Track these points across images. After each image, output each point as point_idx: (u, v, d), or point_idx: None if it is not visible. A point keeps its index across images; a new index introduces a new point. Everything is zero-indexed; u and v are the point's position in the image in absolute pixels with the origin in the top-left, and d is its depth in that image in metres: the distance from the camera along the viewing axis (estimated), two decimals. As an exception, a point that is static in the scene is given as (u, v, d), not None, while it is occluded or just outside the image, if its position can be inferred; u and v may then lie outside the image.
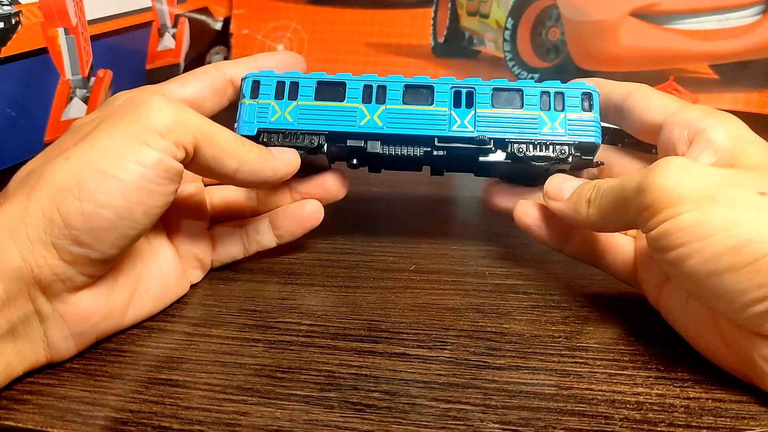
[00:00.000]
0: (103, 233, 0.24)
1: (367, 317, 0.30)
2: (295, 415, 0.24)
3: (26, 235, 0.23)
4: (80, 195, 0.24)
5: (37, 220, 0.24)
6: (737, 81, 0.55)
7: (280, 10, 0.66)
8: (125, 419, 0.24)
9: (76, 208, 0.24)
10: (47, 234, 0.24)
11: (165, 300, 0.30)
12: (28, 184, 0.24)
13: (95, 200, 0.24)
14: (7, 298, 0.23)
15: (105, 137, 0.25)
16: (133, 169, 0.24)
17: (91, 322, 0.26)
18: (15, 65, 0.42)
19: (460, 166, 0.33)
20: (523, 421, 0.24)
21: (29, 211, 0.24)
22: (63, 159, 0.24)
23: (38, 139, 0.46)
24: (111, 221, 0.24)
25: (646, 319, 0.30)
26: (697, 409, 0.25)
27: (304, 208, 0.33)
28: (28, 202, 0.24)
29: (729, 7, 0.55)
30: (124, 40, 0.52)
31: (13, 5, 0.41)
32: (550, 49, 0.59)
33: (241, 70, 0.32)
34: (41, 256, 0.24)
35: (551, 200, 0.31)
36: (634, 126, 0.31)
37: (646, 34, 0.56)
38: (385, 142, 0.31)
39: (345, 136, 0.31)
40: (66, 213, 0.24)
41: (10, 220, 0.24)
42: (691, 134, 0.28)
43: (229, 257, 0.34)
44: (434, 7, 0.63)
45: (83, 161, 0.24)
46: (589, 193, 0.28)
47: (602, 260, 0.32)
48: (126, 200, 0.24)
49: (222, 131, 0.28)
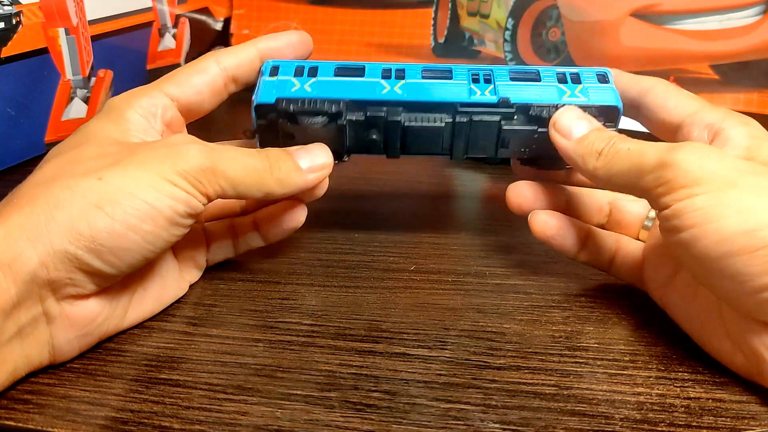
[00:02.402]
0: (125, 253, 0.25)
1: (368, 317, 0.30)
2: (296, 414, 0.24)
3: (50, 242, 0.24)
4: (113, 214, 0.24)
5: (65, 231, 0.24)
6: (738, 81, 0.55)
7: (281, 10, 0.66)
8: (126, 419, 0.24)
9: (107, 225, 0.24)
10: (72, 245, 0.24)
11: (164, 301, 0.30)
12: (53, 194, 0.24)
13: (127, 222, 0.25)
14: (18, 301, 0.23)
15: (140, 167, 0.25)
16: (166, 201, 0.25)
17: (95, 323, 0.27)
18: (16, 65, 0.42)
19: (480, 145, 0.32)
20: (524, 420, 0.24)
21: (56, 219, 0.24)
22: (96, 178, 0.25)
23: (39, 139, 0.46)
24: (136, 244, 0.25)
25: (646, 320, 0.30)
26: (698, 409, 0.25)
27: (284, 210, 0.33)
28: (56, 212, 0.24)
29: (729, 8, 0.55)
30: (124, 40, 0.53)
31: (13, 5, 0.41)
32: (550, 50, 0.59)
33: (240, 58, 0.31)
34: (61, 262, 0.24)
35: (558, 135, 0.29)
36: (650, 123, 0.31)
37: (646, 35, 0.56)
38: (406, 110, 0.30)
39: (365, 104, 0.30)
40: (96, 228, 0.24)
41: (31, 225, 0.24)
42: (710, 135, 0.28)
43: (221, 257, 0.34)
44: (434, 8, 0.63)
45: (118, 184, 0.25)
46: (602, 145, 0.28)
47: (611, 264, 0.32)
48: (154, 227, 0.25)
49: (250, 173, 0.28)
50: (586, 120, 0.29)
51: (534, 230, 0.32)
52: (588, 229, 0.32)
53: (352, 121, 0.30)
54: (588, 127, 0.29)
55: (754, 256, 0.23)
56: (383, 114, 0.30)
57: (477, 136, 0.31)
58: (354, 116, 0.30)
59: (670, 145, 0.25)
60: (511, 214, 0.33)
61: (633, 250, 0.32)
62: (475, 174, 0.48)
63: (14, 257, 0.23)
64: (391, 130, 0.31)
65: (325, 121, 0.30)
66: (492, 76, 0.31)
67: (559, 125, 0.29)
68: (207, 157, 0.26)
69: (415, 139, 0.31)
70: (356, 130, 0.31)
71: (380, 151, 0.32)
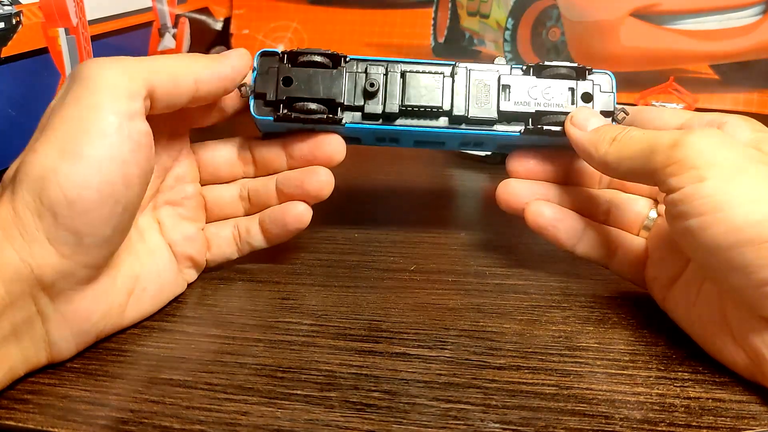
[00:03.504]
0: (91, 215, 0.24)
1: (368, 317, 0.30)
2: (296, 414, 0.24)
3: (20, 236, 0.23)
4: (59, 181, 0.24)
5: (27, 219, 0.24)
6: (738, 81, 0.56)
7: (281, 10, 0.66)
8: (126, 419, 0.24)
9: (58, 195, 0.24)
10: (40, 231, 0.24)
11: (162, 299, 0.30)
12: (11, 186, 0.24)
13: (74, 183, 0.24)
14: (9, 300, 0.23)
15: (63, 119, 0.25)
16: (100, 143, 0.24)
17: (91, 321, 0.26)
18: (16, 65, 0.42)
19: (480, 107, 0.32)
20: (524, 420, 0.24)
21: (17, 211, 0.24)
22: (32, 152, 0.24)
23: (39, 139, 0.46)
24: (96, 200, 0.24)
25: (646, 319, 0.30)
26: (698, 409, 0.25)
27: (288, 211, 0.32)
28: (14, 203, 0.24)
29: (729, 8, 0.55)
30: (124, 40, 0.52)
31: (13, 5, 0.41)
32: (550, 50, 0.59)
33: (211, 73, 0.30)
34: (39, 255, 0.24)
35: (574, 127, 0.30)
36: None
37: (646, 35, 0.56)
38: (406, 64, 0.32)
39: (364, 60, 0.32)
40: (50, 203, 0.24)
41: (3, 223, 0.24)
42: None
43: (223, 257, 0.34)
44: (434, 8, 0.63)
45: (50, 148, 0.24)
46: (617, 132, 0.28)
47: (611, 260, 0.32)
48: (102, 175, 0.24)
49: (169, 61, 0.28)
50: (600, 118, 0.30)
51: (527, 220, 0.32)
52: (585, 222, 0.32)
53: (352, 73, 0.31)
54: (602, 122, 0.30)
55: (763, 248, 0.22)
56: (383, 66, 0.32)
57: (477, 90, 0.32)
58: (354, 68, 0.31)
59: (685, 129, 0.26)
60: (511, 214, 0.33)
61: (635, 247, 0.32)
62: (475, 174, 0.48)
63: None
64: (391, 78, 0.31)
65: (326, 60, 0.31)
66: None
67: (576, 119, 0.30)
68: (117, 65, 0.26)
69: (414, 90, 0.31)
70: (354, 78, 0.32)
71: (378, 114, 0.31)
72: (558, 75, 0.32)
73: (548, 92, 0.32)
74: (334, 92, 0.31)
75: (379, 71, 0.31)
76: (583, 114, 0.30)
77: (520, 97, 0.32)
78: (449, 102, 0.31)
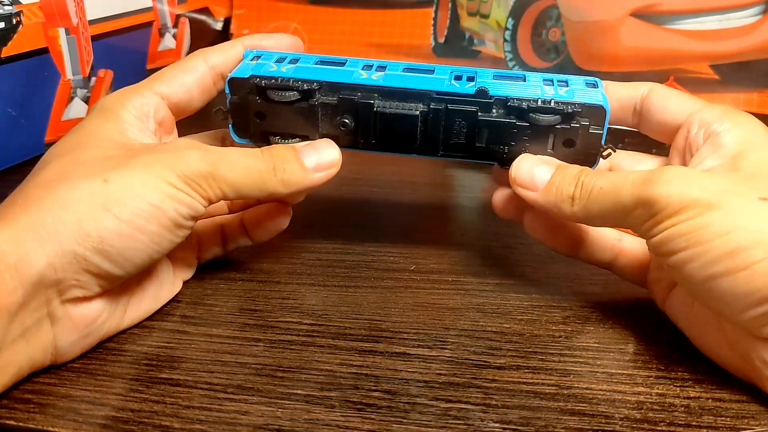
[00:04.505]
0: (132, 254, 0.25)
1: (368, 317, 0.31)
2: (296, 414, 0.24)
3: (58, 243, 0.24)
4: (120, 215, 0.25)
5: (72, 231, 0.24)
6: (738, 81, 0.56)
7: (281, 10, 0.66)
8: (126, 418, 0.24)
9: (115, 226, 0.24)
10: (80, 246, 0.24)
11: (160, 300, 0.31)
12: (60, 195, 0.25)
13: (134, 223, 0.25)
14: (23, 302, 0.23)
15: (144, 170, 0.26)
16: (169, 203, 0.26)
17: (96, 324, 0.27)
18: (16, 65, 0.42)
19: (456, 140, 0.30)
20: (524, 420, 0.24)
21: (63, 220, 0.24)
22: (102, 180, 0.25)
23: (39, 139, 0.46)
24: (143, 244, 0.25)
25: (646, 319, 0.30)
26: (697, 409, 0.25)
27: (269, 214, 0.33)
28: (63, 213, 0.24)
29: (729, 8, 0.55)
30: (124, 40, 0.53)
31: (13, 5, 0.41)
32: (550, 50, 0.59)
33: (227, 55, 0.31)
34: (69, 263, 0.24)
35: (521, 188, 0.29)
36: (651, 127, 0.30)
37: (646, 35, 0.56)
38: (381, 97, 0.29)
39: (339, 86, 0.29)
40: (104, 229, 0.24)
41: (38, 226, 0.24)
42: (705, 136, 0.27)
43: (212, 255, 0.34)
44: (434, 7, 0.63)
45: (123, 186, 0.25)
46: (572, 189, 0.27)
47: (615, 264, 0.32)
48: (159, 227, 0.26)
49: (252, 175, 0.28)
50: (543, 163, 0.29)
51: (526, 228, 0.32)
52: (585, 228, 0.32)
53: (325, 104, 0.30)
54: (549, 171, 0.28)
55: (738, 277, 0.23)
56: (356, 97, 0.29)
57: (452, 128, 0.30)
58: (327, 98, 0.30)
59: (643, 176, 0.25)
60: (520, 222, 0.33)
61: (637, 250, 0.31)
62: (475, 174, 0.48)
63: (21, 258, 0.23)
64: (363, 115, 0.30)
65: (295, 96, 0.29)
66: (475, 76, 0.30)
67: (520, 179, 0.29)
68: (208, 162, 0.27)
69: (388, 128, 0.30)
70: (329, 114, 0.30)
71: (353, 142, 0.31)
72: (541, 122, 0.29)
73: (527, 137, 0.29)
74: (308, 128, 0.30)
75: (353, 104, 0.30)
76: (524, 169, 0.29)
77: (496, 140, 0.30)
78: (423, 139, 0.30)
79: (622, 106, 0.30)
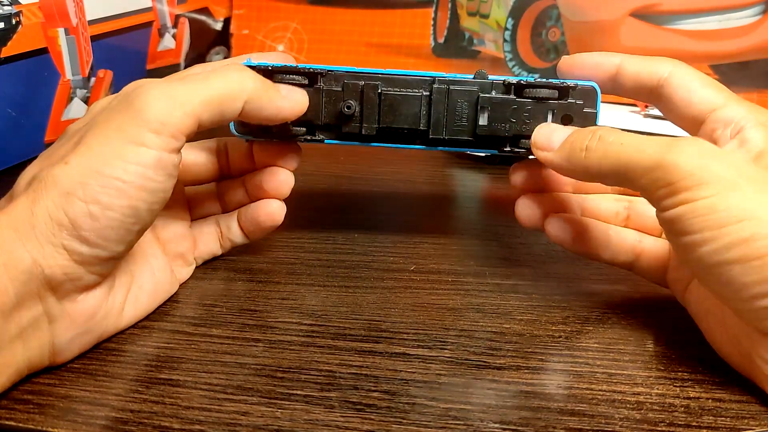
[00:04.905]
0: (110, 232, 0.25)
1: (368, 317, 0.30)
2: (296, 414, 0.24)
3: (36, 238, 0.24)
4: (85, 197, 0.24)
5: (46, 224, 0.24)
6: (738, 81, 0.56)
7: (281, 10, 0.66)
8: (126, 419, 0.24)
9: (82, 210, 0.24)
10: (56, 237, 0.24)
11: (158, 298, 0.30)
12: (32, 189, 0.25)
13: (100, 202, 0.24)
14: (17, 301, 0.23)
15: (102, 140, 0.25)
16: (134, 170, 0.25)
17: (95, 319, 0.26)
18: (15, 65, 0.42)
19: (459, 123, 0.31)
20: (523, 420, 0.24)
21: (36, 214, 0.24)
22: (63, 163, 0.25)
23: (39, 139, 0.46)
24: (117, 220, 0.25)
25: (646, 320, 0.30)
26: (697, 409, 0.25)
27: (262, 209, 0.33)
28: (34, 207, 0.24)
29: (729, 8, 0.55)
30: (124, 40, 0.53)
31: (13, 5, 0.41)
32: (550, 50, 0.59)
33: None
34: (52, 257, 0.24)
35: (540, 150, 0.29)
36: (672, 116, 0.30)
37: (646, 35, 0.56)
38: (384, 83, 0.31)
39: (343, 74, 0.31)
40: (74, 215, 0.24)
41: (17, 223, 0.24)
42: (732, 133, 0.27)
43: (209, 254, 0.34)
44: (434, 8, 0.63)
45: (84, 164, 0.25)
46: (586, 140, 0.27)
47: (636, 265, 0.32)
48: (129, 200, 0.25)
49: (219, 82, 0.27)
50: (562, 129, 0.29)
51: (548, 235, 0.32)
52: (606, 229, 0.32)
53: (330, 90, 0.31)
54: (566, 131, 0.29)
55: (750, 266, 0.22)
56: (361, 82, 0.31)
57: (455, 109, 0.31)
58: (331, 85, 0.31)
59: (669, 142, 0.24)
60: (511, 214, 0.33)
61: (658, 250, 0.31)
62: (475, 174, 0.48)
63: (8, 257, 0.23)
64: (368, 97, 0.31)
65: (302, 80, 0.30)
66: None
67: (539, 141, 0.29)
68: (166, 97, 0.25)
69: (392, 110, 0.31)
70: (332, 99, 0.31)
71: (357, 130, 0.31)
72: (539, 97, 0.30)
73: (528, 114, 0.31)
74: (312, 114, 0.31)
75: (357, 88, 0.31)
76: (543, 134, 0.29)
77: (498, 118, 0.31)
78: (426, 123, 0.31)
79: (637, 84, 0.30)
